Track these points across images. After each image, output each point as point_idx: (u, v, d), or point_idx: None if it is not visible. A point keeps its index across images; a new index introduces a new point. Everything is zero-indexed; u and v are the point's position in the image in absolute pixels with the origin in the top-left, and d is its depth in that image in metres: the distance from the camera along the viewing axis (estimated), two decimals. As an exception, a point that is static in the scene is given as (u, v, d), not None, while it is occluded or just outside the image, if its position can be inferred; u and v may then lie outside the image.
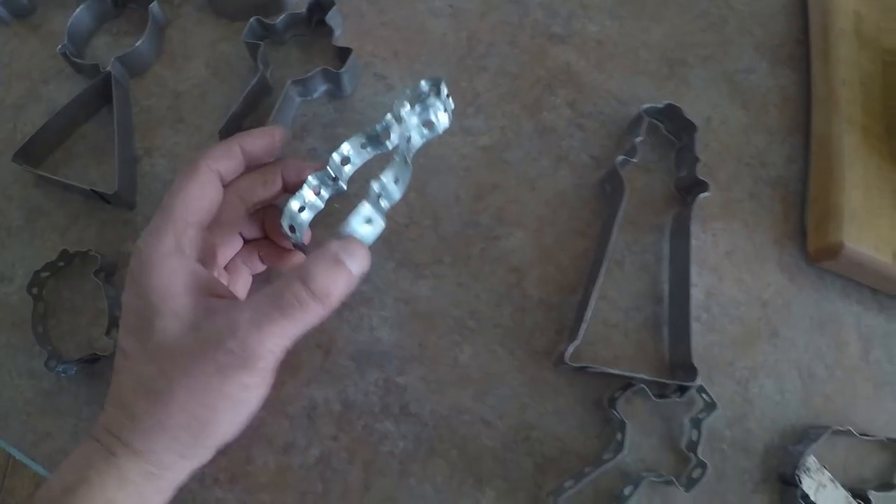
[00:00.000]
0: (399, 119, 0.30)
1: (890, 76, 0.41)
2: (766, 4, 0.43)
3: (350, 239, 0.26)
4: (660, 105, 0.36)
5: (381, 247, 0.34)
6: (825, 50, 0.42)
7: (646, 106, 0.36)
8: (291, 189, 0.30)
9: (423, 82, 0.30)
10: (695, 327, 0.35)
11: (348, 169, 0.31)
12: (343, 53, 0.36)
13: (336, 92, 0.37)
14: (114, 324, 0.34)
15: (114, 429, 0.25)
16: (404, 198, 0.35)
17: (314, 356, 0.33)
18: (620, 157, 0.34)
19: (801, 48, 0.42)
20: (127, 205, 0.36)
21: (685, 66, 0.40)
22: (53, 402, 0.33)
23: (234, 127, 0.36)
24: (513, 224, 0.35)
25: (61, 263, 0.35)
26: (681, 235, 0.35)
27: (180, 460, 0.26)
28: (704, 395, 0.33)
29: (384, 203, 0.27)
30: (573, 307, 0.34)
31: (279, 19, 0.37)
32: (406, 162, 0.27)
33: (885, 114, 0.39)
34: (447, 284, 0.34)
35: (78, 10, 0.39)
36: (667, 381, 0.33)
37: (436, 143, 0.36)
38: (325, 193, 0.30)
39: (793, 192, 0.39)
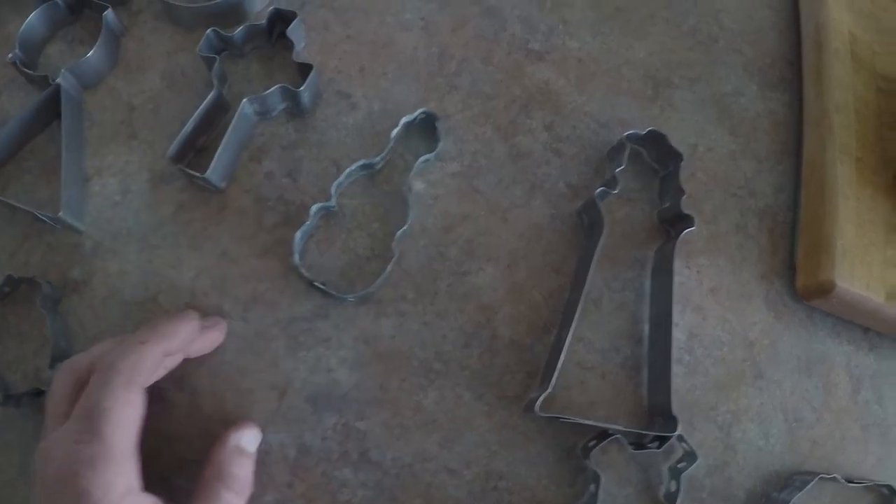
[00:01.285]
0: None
1: (885, 104, 0.37)
2: (757, 21, 0.39)
3: (241, 423, 0.28)
4: (642, 132, 0.32)
5: (339, 281, 0.31)
6: (818, 68, 0.38)
7: (628, 132, 0.32)
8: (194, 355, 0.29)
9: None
10: (676, 370, 0.31)
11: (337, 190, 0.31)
12: (304, 69, 0.32)
13: (296, 110, 0.33)
14: (58, 357, 0.30)
15: None
16: (366, 228, 0.31)
17: (268, 398, 0.29)
18: (600, 189, 0.30)
19: (792, 69, 0.39)
20: (74, 229, 0.32)
21: (671, 86, 0.36)
22: (1, 437, 0.30)
23: (187, 147, 0.31)
24: (483, 258, 0.32)
25: (7, 289, 0.31)
26: (663, 272, 0.31)
27: None
28: (684, 444, 0.30)
29: None
30: (546, 348, 0.31)
31: (238, 31, 0.33)
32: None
33: (880, 144, 0.36)
34: (411, 323, 0.30)
35: (31, 16, 0.35)
36: (644, 432, 0.29)
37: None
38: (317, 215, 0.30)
39: (781, 222, 0.35)
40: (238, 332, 0.30)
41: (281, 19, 0.34)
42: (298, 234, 0.30)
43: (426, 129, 0.33)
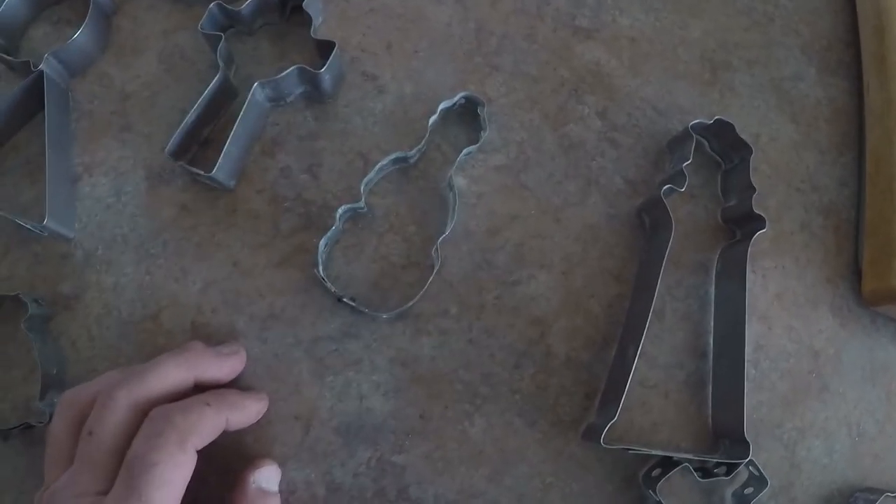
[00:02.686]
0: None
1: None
2: (812, -1, 0.33)
3: (259, 462, 0.23)
4: (709, 121, 0.26)
5: (371, 294, 0.25)
6: (880, 56, 0.32)
7: (693, 122, 0.26)
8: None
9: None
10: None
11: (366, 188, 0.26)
12: (324, 48, 0.26)
13: (315, 95, 0.27)
14: (48, 385, 0.25)
15: None
16: (401, 232, 0.25)
17: (292, 430, 0.24)
18: (666, 186, 0.25)
19: (850, 52, 0.33)
20: (63, 237, 0.25)
21: (729, 69, 0.30)
22: None
23: (189, 140, 0.25)
24: (534, 265, 0.26)
25: None
26: (731, 278, 0.26)
27: None
28: (752, 468, 0.25)
29: None
30: (605, 365, 0.25)
31: (245, 4, 0.27)
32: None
33: None
34: (455, 341, 0.25)
35: None
36: (714, 459, 0.24)
37: (440, 164, 0.26)
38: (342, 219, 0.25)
39: (845, 220, 0.30)
40: (255, 354, 0.25)
41: None
42: (322, 242, 0.24)
43: (467, 116, 0.28)
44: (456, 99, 0.26)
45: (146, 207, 0.26)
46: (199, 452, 0.20)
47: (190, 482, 0.20)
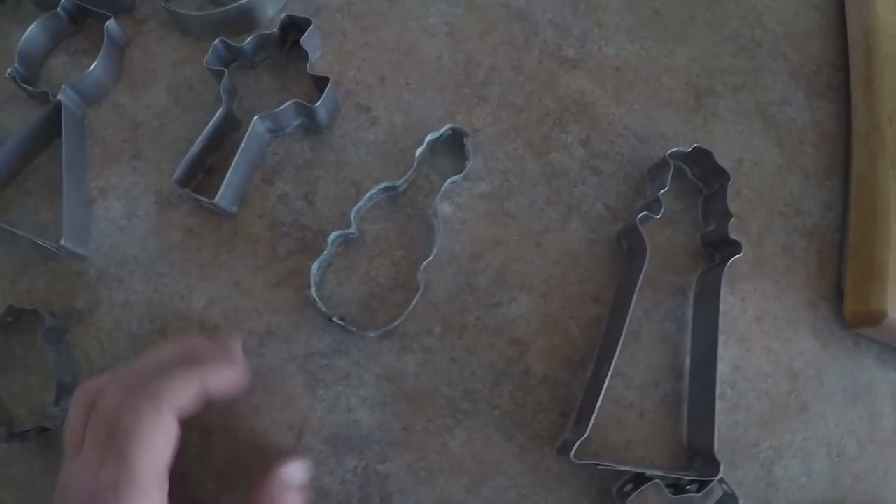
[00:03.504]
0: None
1: (945, 113, 0.32)
2: (802, 24, 0.35)
3: (288, 459, 0.25)
4: (687, 148, 0.28)
5: (360, 314, 0.27)
6: (868, 78, 0.33)
7: (672, 150, 0.28)
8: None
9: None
10: (718, 406, 0.27)
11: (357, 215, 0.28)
12: (320, 82, 0.28)
13: (312, 126, 0.29)
14: (62, 392, 0.27)
15: None
16: (389, 256, 0.27)
17: (284, 438, 0.26)
18: (641, 213, 0.26)
19: (839, 76, 0.34)
20: (78, 256, 0.28)
21: (714, 95, 0.32)
22: (7, 471, 0.27)
23: (194, 168, 0.28)
24: (515, 287, 0.28)
25: (9, 319, 0.28)
26: (707, 301, 0.28)
27: None
28: (724, 486, 0.27)
29: None
30: (582, 384, 0.27)
31: (248, 41, 0.29)
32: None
33: None
34: (438, 359, 0.27)
35: (31, 27, 0.31)
36: (684, 476, 0.25)
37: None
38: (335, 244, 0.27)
39: (829, 243, 0.31)
40: (252, 368, 0.27)
41: (294, 27, 0.30)
42: (315, 266, 0.27)
43: (453, 146, 0.30)
44: (443, 130, 0.28)
45: (155, 230, 0.29)
46: (198, 457, 0.23)
47: (190, 488, 0.23)
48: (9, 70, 0.30)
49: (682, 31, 0.33)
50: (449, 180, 0.28)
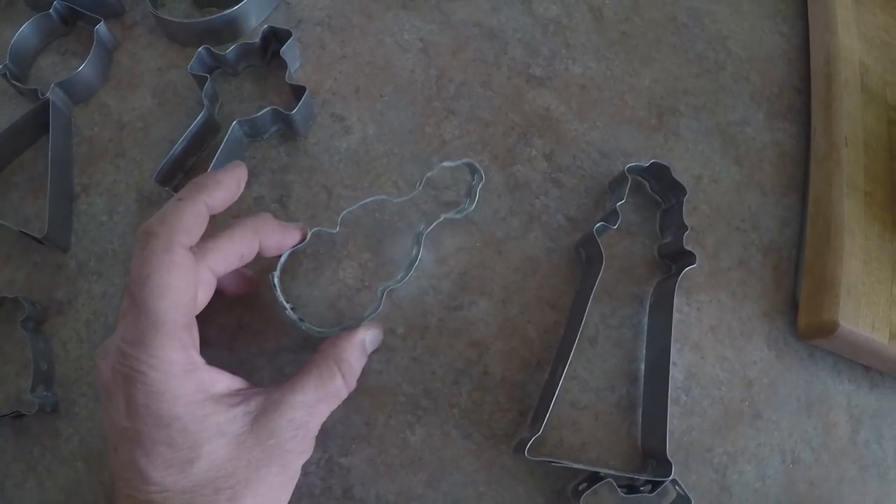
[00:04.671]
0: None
1: (896, 137, 0.36)
2: (766, 49, 0.38)
3: (373, 324, 0.28)
4: (645, 164, 0.31)
5: (327, 311, 0.30)
6: (827, 102, 0.37)
7: (630, 165, 0.31)
8: (269, 255, 0.27)
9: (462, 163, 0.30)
10: (672, 410, 0.30)
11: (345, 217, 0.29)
12: (298, 91, 0.31)
13: (288, 133, 0.32)
14: (39, 380, 0.29)
15: None
16: (356, 258, 0.30)
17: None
18: (599, 223, 0.29)
19: (800, 98, 0.37)
20: (60, 248, 0.31)
21: (676, 115, 0.35)
22: None
23: (174, 168, 0.31)
24: (476, 292, 0.31)
25: None
26: (662, 310, 0.30)
27: None
28: (678, 488, 0.29)
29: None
30: (538, 386, 0.30)
31: (230, 49, 0.32)
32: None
33: (890, 179, 0.35)
34: (400, 358, 0.30)
35: (23, 27, 0.34)
36: (636, 476, 0.28)
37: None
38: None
39: (786, 258, 0.34)
40: (223, 360, 0.29)
41: (275, 38, 0.33)
42: (285, 256, 0.28)
43: (457, 180, 0.31)
44: (458, 163, 0.29)
45: (135, 226, 0.31)
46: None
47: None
48: (0, 66, 0.33)
49: (648, 53, 0.36)
50: (444, 216, 0.30)
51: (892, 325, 0.32)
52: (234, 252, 0.25)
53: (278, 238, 0.26)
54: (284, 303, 0.27)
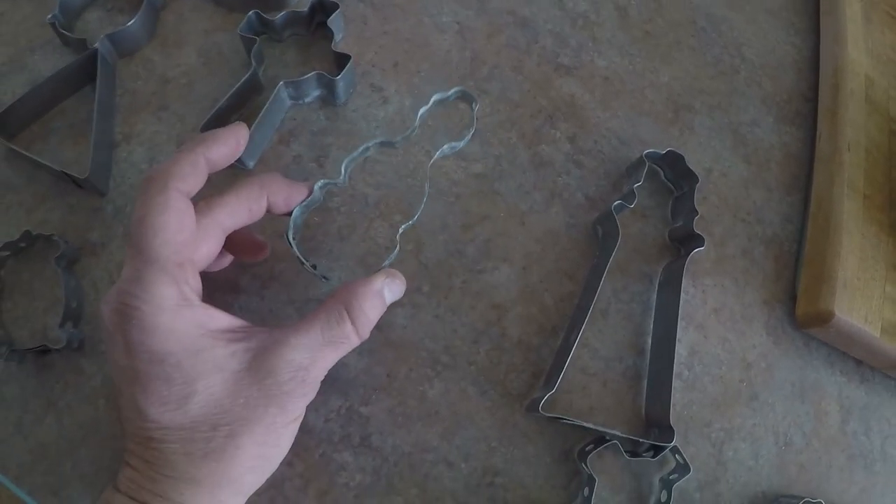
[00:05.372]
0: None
1: (896, 146, 0.39)
2: (778, 57, 0.42)
3: (393, 273, 0.28)
4: (662, 151, 0.34)
5: (358, 268, 0.32)
6: (833, 110, 0.40)
7: (648, 151, 0.34)
8: (277, 212, 0.28)
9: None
10: (675, 384, 0.33)
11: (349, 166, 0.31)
12: (341, 60, 0.34)
13: (329, 98, 0.35)
14: (69, 316, 0.31)
15: (173, 496, 0.23)
16: (388, 219, 0.33)
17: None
18: (617, 202, 0.32)
19: (808, 105, 0.41)
20: (98, 191, 0.33)
21: (691, 111, 0.38)
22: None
23: (218, 123, 0.33)
24: (499, 258, 0.33)
25: (23, 244, 0.32)
26: (670, 288, 0.33)
27: (242, 498, 0.25)
28: (678, 457, 0.32)
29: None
30: (552, 351, 0.32)
31: (279, 16, 0.35)
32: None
33: (889, 185, 0.38)
34: (424, 314, 0.32)
35: None
36: (641, 440, 0.31)
37: (426, 166, 0.34)
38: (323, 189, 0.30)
39: (787, 252, 0.37)
40: (253, 308, 0.32)
41: (322, 8, 0.36)
42: (297, 210, 0.29)
43: (458, 112, 0.33)
44: (450, 92, 0.32)
45: None
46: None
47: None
48: (49, 16, 0.35)
49: (669, 52, 0.40)
50: (447, 145, 0.32)
51: (883, 321, 0.36)
52: (241, 207, 0.26)
53: (285, 194, 0.28)
54: (303, 259, 0.28)
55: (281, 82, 0.33)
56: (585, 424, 0.30)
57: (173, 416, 0.23)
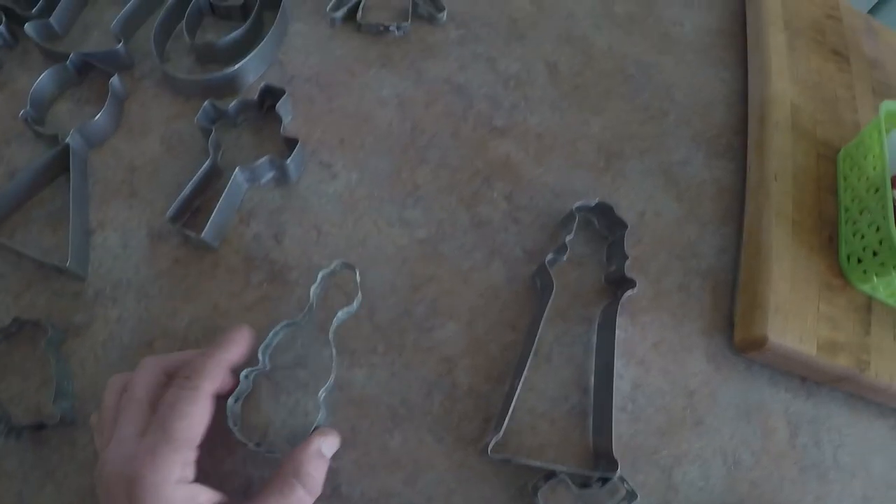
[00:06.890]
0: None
1: (824, 168, 0.45)
2: (708, 94, 0.47)
3: (327, 430, 0.34)
4: (592, 203, 0.40)
5: (318, 333, 0.38)
6: (760, 141, 0.46)
7: (577, 204, 0.39)
8: (235, 370, 0.35)
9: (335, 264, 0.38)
10: (620, 417, 0.38)
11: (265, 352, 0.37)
12: (291, 143, 0.40)
13: (282, 179, 0.40)
14: (61, 394, 0.37)
15: None
16: (342, 287, 0.39)
17: (251, 438, 0.36)
18: (550, 255, 0.38)
19: (738, 138, 0.47)
20: (79, 277, 0.39)
21: (622, 158, 0.44)
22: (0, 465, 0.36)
23: (184, 207, 0.39)
24: (445, 315, 0.39)
25: (13, 329, 0.38)
26: (607, 328, 0.39)
27: None
28: (626, 485, 0.37)
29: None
30: (501, 396, 0.38)
31: (232, 104, 0.41)
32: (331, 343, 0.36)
33: (818, 207, 0.43)
34: (381, 372, 0.38)
35: (42, 76, 0.43)
36: (587, 473, 0.36)
37: (375, 235, 0.40)
38: (249, 378, 0.36)
39: (723, 282, 0.43)
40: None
41: (270, 94, 0.42)
42: (231, 400, 0.35)
43: (345, 280, 0.39)
44: (333, 265, 0.37)
45: (146, 259, 0.39)
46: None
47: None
48: (21, 112, 0.41)
49: (599, 102, 0.46)
50: (342, 311, 0.37)
51: (819, 338, 0.41)
52: (225, 377, 0.33)
53: (238, 355, 0.34)
54: (246, 441, 0.34)
55: (237, 168, 0.39)
56: (532, 463, 0.36)
57: None
